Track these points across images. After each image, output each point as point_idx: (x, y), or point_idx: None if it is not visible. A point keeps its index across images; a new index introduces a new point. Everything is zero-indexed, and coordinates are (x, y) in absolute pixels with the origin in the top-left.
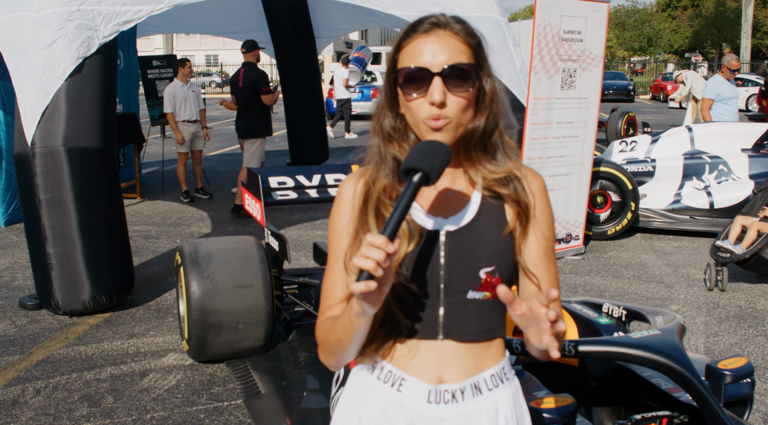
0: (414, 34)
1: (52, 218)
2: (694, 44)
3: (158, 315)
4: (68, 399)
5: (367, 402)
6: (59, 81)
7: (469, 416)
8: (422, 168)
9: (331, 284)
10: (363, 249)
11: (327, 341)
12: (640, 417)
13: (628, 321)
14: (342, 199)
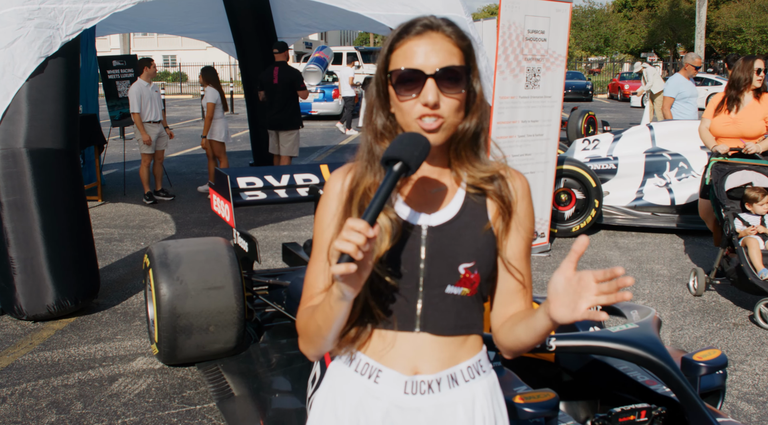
0: (407, 36)
1: (15, 221)
2: (650, 44)
3: (125, 319)
4: (36, 406)
5: (342, 395)
6: (20, 81)
7: (445, 407)
8: (402, 157)
9: (313, 275)
10: (344, 233)
11: (307, 329)
12: (619, 409)
13: None
14: (329, 192)
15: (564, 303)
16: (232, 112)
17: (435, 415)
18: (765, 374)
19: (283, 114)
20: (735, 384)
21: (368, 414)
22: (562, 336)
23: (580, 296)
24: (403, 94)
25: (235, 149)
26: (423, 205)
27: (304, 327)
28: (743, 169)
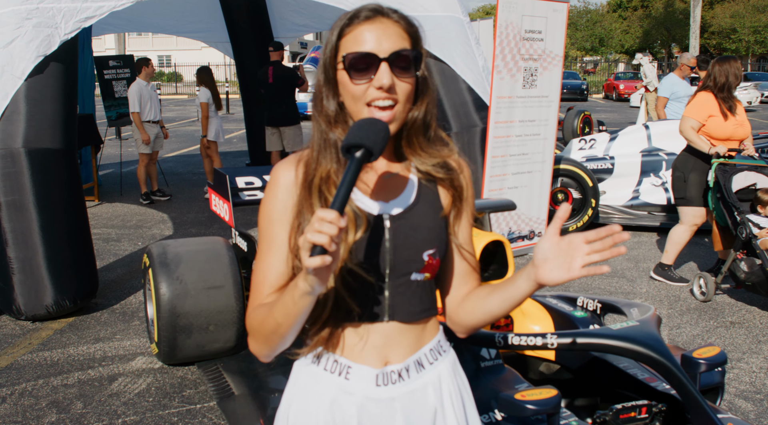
0: (357, 21)
1: (13, 221)
2: (645, 44)
3: (124, 319)
4: (36, 406)
5: (315, 395)
6: (19, 81)
7: (416, 392)
8: (365, 143)
9: (265, 272)
10: (315, 224)
11: (262, 328)
12: (620, 406)
13: (602, 314)
14: (278, 184)
15: (556, 266)
16: (228, 112)
17: (408, 401)
18: (762, 371)
19: (281, 110)
20: (732, 382)
21: (343, 410)
22: (563, 334)
23: (572, 257)
24: (357, 79)
25: (231, 149)
26: (380, 194)
27: (259, 326)
28: (744, 170)
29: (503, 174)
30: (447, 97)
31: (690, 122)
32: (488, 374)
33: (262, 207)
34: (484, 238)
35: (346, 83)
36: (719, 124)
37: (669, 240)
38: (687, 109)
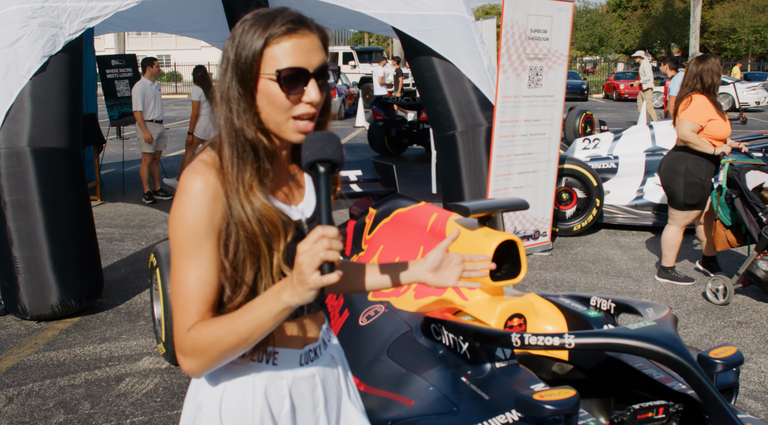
0: (284, 32)
1: (18, 221)
2: (644, 44)
3: (129, 319)
4: (43, 406)
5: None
6: (24, 80)
7: (327, 365)
8: (331, 158)
9: (195, 288)
10: (323, 242)
11: (216, 346)
12: (637, 406)
13: (616, 314)
14: (196, 195)
15: (444, 274)
16: None
17: (324, 374)
18: None
19: None
20: (741, 382)
21: (277, 393)
22: (580, 334)
23: (454, 270)
24: (291, 93)
25: None
26: (291, 199)
27: (210, 345)
28: (750, 169)
29: (508, 173)
30: (452, 96)
31: (691, 125)
32: (504, 374)
33: (180, 219)
34: (497, 238)
35: (273, 95)
36: (719, 125)
37: (664, 245)
38: (685, 113)
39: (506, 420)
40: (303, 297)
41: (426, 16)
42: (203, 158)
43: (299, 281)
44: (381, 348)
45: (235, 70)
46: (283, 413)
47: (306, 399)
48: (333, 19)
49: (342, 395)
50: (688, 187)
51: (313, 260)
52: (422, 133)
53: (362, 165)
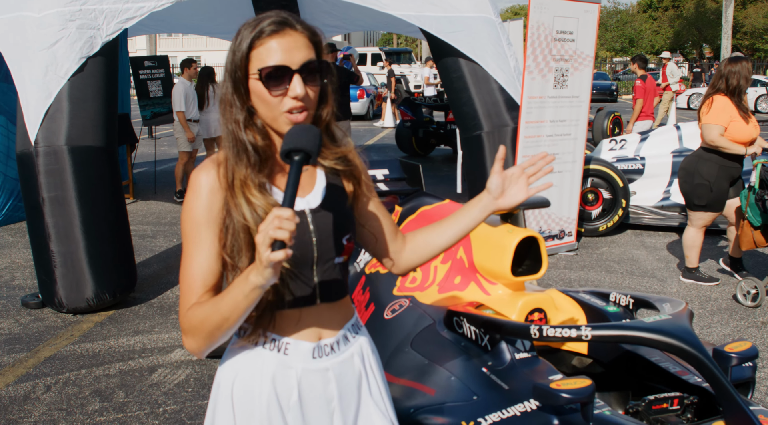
0: (266, 33)
1: (56, 217)
2: (675, 45)
3: (161, 313)
4: (79, 395)
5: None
6: (62, 80)
7: (345, 362)
8: (305, 148)
9: (196, 273)
10: (275, 222)
11: (204, 325)
12: (653, 397)
13: (635, 309)
14: (201, 188)
15: (512, 192)
16: None
17: (339, 370)
18: None
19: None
20: (764, 381)
21: (284, 383)
22: (597, 326)
23: (521, 183)
24: (273, 89)
25: None
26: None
27: (200, 323)
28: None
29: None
30: (478, 96)
31: (718, 129)
32: (523, 366)
33: (187, 211)
34: (518, 234)
35: (261, 93)
36: (741, 127)
37: (684, 246)
38: (707, 116)
39: (524, 409)
40: (264, 276)
41: (453, 18)
42: (213, 156)
43: (258, 260)
44: (405, 340)
45: (229, 74)
46: (291, 403)
47: (317, 393)
48: (362, 21)
49: (362, 393)
50: (695, 187)
51: (265, 239)
52: (449, 133)
53: (389, 164)
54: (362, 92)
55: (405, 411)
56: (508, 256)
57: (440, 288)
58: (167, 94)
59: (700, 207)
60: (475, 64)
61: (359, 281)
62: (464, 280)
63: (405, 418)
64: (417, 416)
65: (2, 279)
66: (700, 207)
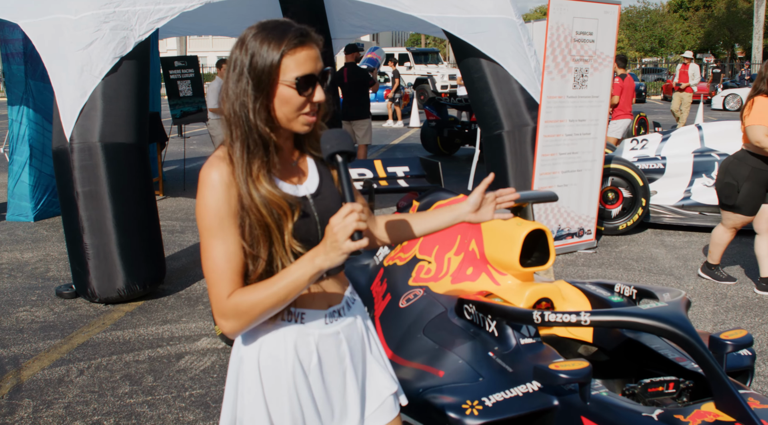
0: (295, 45)
1: (89, 210)
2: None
3: (189, 304)
4: (110, 379)
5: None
6: (97, 80)
7: (351, 324)
8: (347, 150)
9: (226, 262)
10: (354, 215)
11: (257, 307)
12: (648, 381)
13: (638, 300)
14: (215, 184)
15: (483, 212)
16: None
17: (347, 331)
18: None
19: (354, 107)
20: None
21: (305, 348)
22: (596, 312)
23: (489, 206)
24: (304, 95)
25: None
26: (295, 180)
27: (251, 307)
28: None
29: (553, 172)
30: (499, 96)
31: (762, 129)
32: (528, 350)
33: (206, 206)
34: (526, 227)
35: (290, 97)
36: None
37: (711, 242)
38: (750, 118)
39: (526, 390)
40: (334, 261)
41: (475, 19)
42: (217, 154)
43: (333, 248)
44: (418, 327)
45: (252, 76)
46: (312, 366)
47: (332, 354)
48: (388, 21)
49: (366, 350)
50: (724, 186)
51: (347, 230)
52: (474, 133)
53: (410, 162)
54: (388, 92)
55: (414, 392)
56: (517, 248)
57: (453, 278)
58: (197, 93)
59: (729, 207)
60: (497, 65)
61: (378, 273)
62: (476, 271)
63: (413, 398)
64: (425, 395)
65: (38, 271)
66: (728, 207)
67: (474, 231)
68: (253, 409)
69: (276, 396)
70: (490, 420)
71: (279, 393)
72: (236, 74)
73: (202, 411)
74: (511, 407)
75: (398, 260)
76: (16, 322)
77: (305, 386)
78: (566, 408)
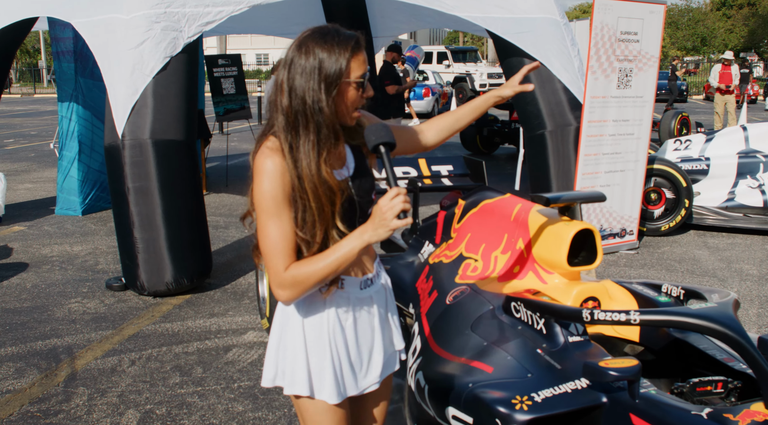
0: (356, 52)
1: (139, 205)
2: (750, 44)
3: (235, 298)
4: (161, 369)
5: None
6: (148, 78)
7: (380, 291)
8: (389, 141)
9: (282, 240)
10: (401, 197)
11: (312, 277)
12: (697, 380)
13: (685, 300)
14: (272, 172)
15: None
16: None
17: (376, 296)
18: None
19: (393, 104)
20: None
21: (344, 308)
22: (645, 312)
23: None
24: (359, 91)
25: None
26: (337, 165)
27: (306, 277)
28: None
29: (595, 172)
30: (542, 96)
31: None
32: (576, 348)
33: (264, 191)
34: (574, 227)
35: (352, 95)
36: None
37: None
38: None
39: (575, 386)
40: (381, 237)
41: (519, 19)
42: (268, 145)
43: (381, 225)
44: (465, 323)
45: (322, 76)
46: (348, 324)
47: (364, 315)
48: (431, 18)
49: (388, 315)
50: None
51: (394, 210)
52: (513, 132)
53: (453, 161)
54: (427, 90)
55: (464, 386)
56: (565, 247)
57: (500, 276)
58: (239, 91)
59: None
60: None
61: (423, 270)
62: (523, 270)
63: (463, 393)
64: (474, 390)
65: (87, 264)
66: None
67: (521, 230)
68: (295, 361)
69: (317, 349)
70: (539, 415)
71: (320, 347)
72: (305, 75)
73: (250, 402)
74: (560, 403)
75: (444, 258)
76: (69, 313)
77: (342, 341)
78: (615, 405)
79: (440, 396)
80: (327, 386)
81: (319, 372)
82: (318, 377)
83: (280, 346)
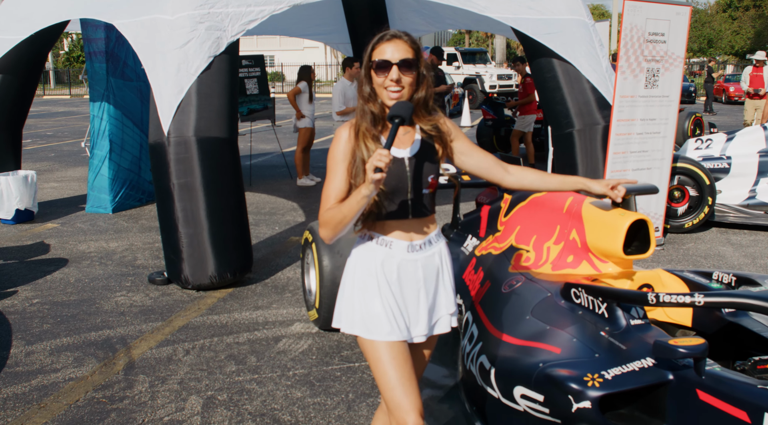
0: (382, 41)
1: (184, 201)
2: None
3: (276, 291)
4: (216, 358)
5: (372, 258)
6: (192, 77)
7: (429, 257)
8: (401, 115)
9: (332, 190)
10: (377, 156)
11: (332, 220)
12: (758, 358)
13: (737, 286)
14: (340, 139)
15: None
16: None
17: (424, 262)
18: None
19: None
20: None
21: (390, 265)
22: (710, 294)
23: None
24: (379, 74)
25: None
26: (401, 145)
27: (330, 219)
28: None
29: (623, 170)
30: (571, 95)
31: None
32: (638, 330)
33: (331, 153)
34: (630, 217)
35: (374, 76)
36: None
37: None
38: None
39: (642, 365)
40: (369, 189)
41: (548, 20)
42: (350, 120)
43: (366, 180)
44: (525, 309)
45: (364, 65)
46: (392, 279)
47: (409, 275)
48: (451, 19)
49: (439, 281)
50: None
51: (371, 166)
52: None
53: None
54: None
55: (533, 367)
56: (621, 236)
57: (553, 266)
58: (263, 91)
59: None
60: (569, 65)
61: (470, 262)
62: (576, 259)
63: (534, 372)
64: (546, 370)
65: (126, 259)
66: None
67: (575, 222)
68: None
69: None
70: (611, 391)
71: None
72: None
73: (308, 388)
74: (629, 380)
75: (492, 250)
76: (116, 306)
77: (389, 291)
78: (681, 381)
79: (507, 376)
80: (379, 324)
81: (369, 312)
82: (370, 316)
83: (338, 291)
